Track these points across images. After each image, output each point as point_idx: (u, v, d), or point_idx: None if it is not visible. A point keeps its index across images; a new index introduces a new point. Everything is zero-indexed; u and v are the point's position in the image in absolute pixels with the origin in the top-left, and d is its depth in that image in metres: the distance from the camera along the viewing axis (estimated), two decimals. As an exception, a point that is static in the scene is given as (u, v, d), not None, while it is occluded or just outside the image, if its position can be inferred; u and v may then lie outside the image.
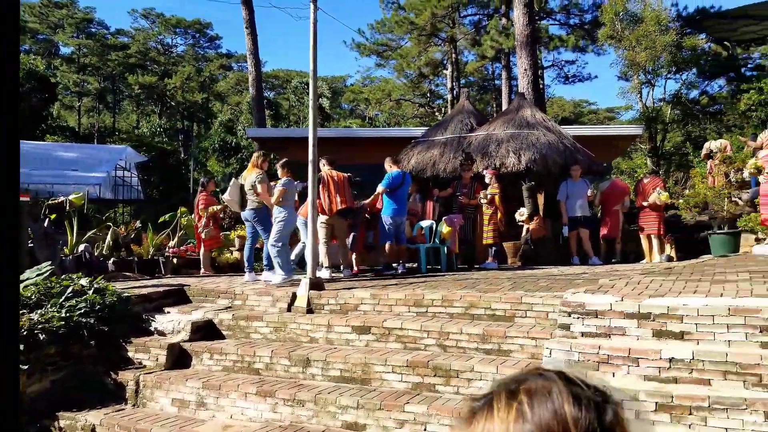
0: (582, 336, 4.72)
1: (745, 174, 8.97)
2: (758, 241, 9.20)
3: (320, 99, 35.87)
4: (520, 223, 10.49)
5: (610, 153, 16.70)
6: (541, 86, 28.57)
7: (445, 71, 31.21)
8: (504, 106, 23.40)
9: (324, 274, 8.23)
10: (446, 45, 29.46)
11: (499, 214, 9.59)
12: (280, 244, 7.56)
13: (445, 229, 9.11)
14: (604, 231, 10.15)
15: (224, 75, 49.28)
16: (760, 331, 4.16)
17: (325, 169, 8.52)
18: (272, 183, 8.06)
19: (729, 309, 4.27)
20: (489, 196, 9.46)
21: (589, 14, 25.97)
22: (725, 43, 22.63)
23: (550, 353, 4.61)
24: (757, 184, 9.27)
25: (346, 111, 43.68)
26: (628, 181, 19.13)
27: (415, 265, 9.56)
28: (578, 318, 4.76)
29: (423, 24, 26.25)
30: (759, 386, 3.91)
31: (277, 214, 7.62)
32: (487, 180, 9.80)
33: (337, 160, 8.85)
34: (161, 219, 12.52)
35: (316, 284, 7.03)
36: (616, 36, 22.69)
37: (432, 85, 36.32)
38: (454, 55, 29.65)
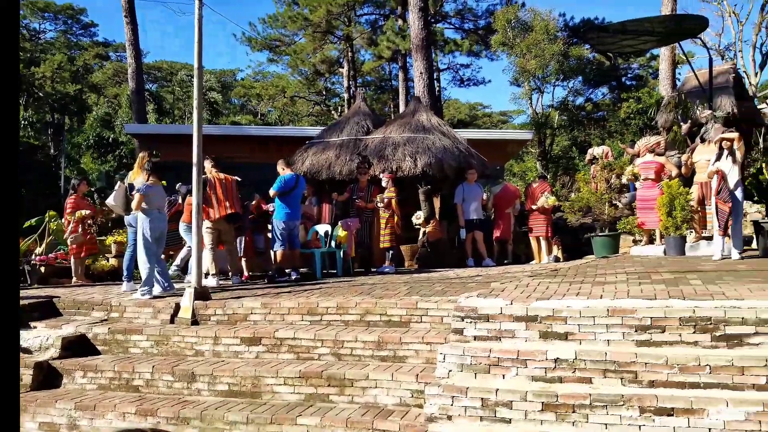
0: (475, 340, 4.90)
1: (624, 180, 9.80)
2: (635, 242, 10.12)
3: (209, 93, 34.57)
4: (417, 227, 10.76)
5: (503, 156, 17.61)
6: (437, 89, 29.54)
7: (341, 69, 31.30)
8: (401, 108, 23.91)
9: (211, 282, 7.94)
10: (342, 43, 29.58)
11: (396, 218, 9.76)
12: (145, 256, 7.12)
13: (341, 233, 9.12)
14: (497, 233, 10.67)
15: (101, 65, 46.07)
16: (635, 331, 4.55)
17: (211, 170, 8.23)
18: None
19: (608, 310, 4.63)
20: (386, 200, 9.61)
21: (483, 20, 27.24)
22: (608, 54, 24.67)
23: (444, 358, 4.75)
24: (636, 188, 10.19)
25: (237, 106, 42.47)
26: (519, 184, 20.26)
27: (309, 270, 9.48)
28: (471, 322, 4.94)
29: (318, 21, 26.16)
30: (635, 383, 4.27)
31: (140, 223, 7.17)
32: (383, 183, 9.94)
33: (226, 159, 8.58)
34: (27, 223, 11.47)
35: (202, 294, 6.77)
36: (508, 43, 24.00)
37: (328, 83, 36.29)
38: (350, 54, 29.82)
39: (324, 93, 37.08)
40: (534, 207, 10.31)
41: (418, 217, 10.56)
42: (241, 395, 5.35)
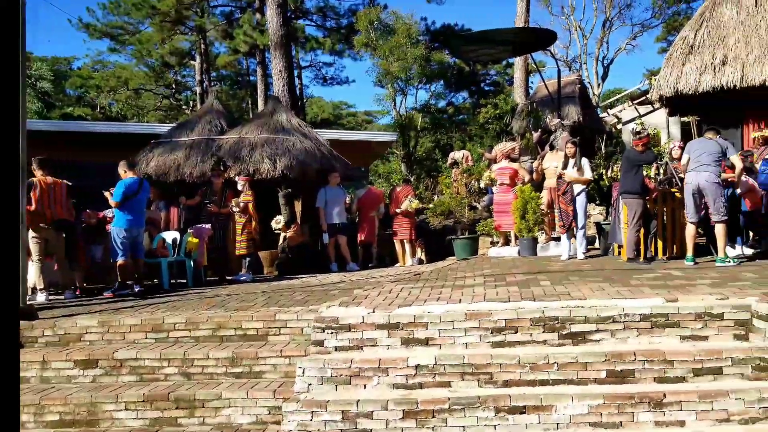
0: (336, 351, 4.92)
1: (482, 184, 10.45)
2: (493, 243, 10.81)
3: (40, 82, 31.39)
4: (276, 231, 10.59)
5: (368, 158, 17.95)
6: (299, 86, 29.38)
7: (193, 62, 30.00)
8: (260, 105, 23.44)
9: (39, 298, 7.22)
10: (194, 34, 28.36)
11: (253, 223, 9.54)
12: None
13: (191, 240, 8.72)
14: (361, 236, 10.84)
15: None
16: (491, 333, 4.84)
17: (37, 173, 7.50)
18: None
19: (466, 314, 4.89)
20: (242, 204, 9.34)
21: (346, 19, 27.61)
22: (467, 60, 26.13)
23: (304, 372, 4.71)
24: (493, 192, 10.89)
25: (73, 98, 39.02)
26: (384, 185, 20.74)
27: (156, 282, 8.94)
28: (332, 333, 4.95)
29: (167, 10, 24.80)
30: (491, 383, 4.55)
31: None
32: (239, 187, 9.66)
33: (59, 158, 7.85)
34: None
35: (27, 312, 6.13)
36: (371, 44, 24.56)
37: (178, 75, 34.59)
38: (203, 46, 28.68)
39: (174, 86, 35.26)
40: (398, 210, 10.62)
41: (277, 222, 10.41)
42: (76, 425, 4.91)
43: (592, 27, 33.12)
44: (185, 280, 8.91)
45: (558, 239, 9.34)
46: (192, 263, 8.84)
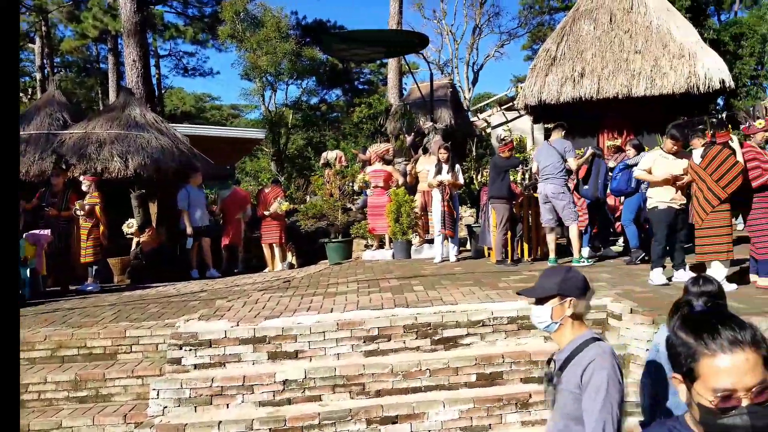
0: (195, 369, 4.66)
1: (356, 187, 10.50)
2: (367, 246, 10.91)
3: None
4: (129, 236, 9.93)
5: (234, 155, 17.41)
6: (156, 76, 27.85)
7: (32, 45, 27.40)
8: (111, 95, 21.94)
9: None
10: (33, 15, 25.90)
11: (101, 227, 8.84)
12: None
13: (27, 247, 7.91)
14: (225, 240, 10.46)
15: None
16: (364, 341, 4.84)
17: None
18: None
19: (338, 323, 4.85)
20: (87, 207, 8.62)
21: (210, 8, 26.63)
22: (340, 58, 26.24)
23: (158, 393, 4.42)
24: (368, 194, 10.98)
25: None
26: (253, 184, 20.23)
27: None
28: (191, 349, 4.69)
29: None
30: (363, 394, 4.54)
31: None
32: (84, 188, 8.89)
33: None
34: None
35: None
36: (238, 36, 23.88)
37: (14, 58, 31.36)
38: (44, 28, 26.29)
39: (8, 70, 31.91)
40: (266, 212, 10.37)
41: (130, 226, 9.75)
42: None
43: (463, 32, 34.85)
44: (21, 292, 8.06)
45: (431, 241, 9.62)
46: (28, 273, 8.02)
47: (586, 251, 8.82)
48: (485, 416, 4.43)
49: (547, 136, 17.34)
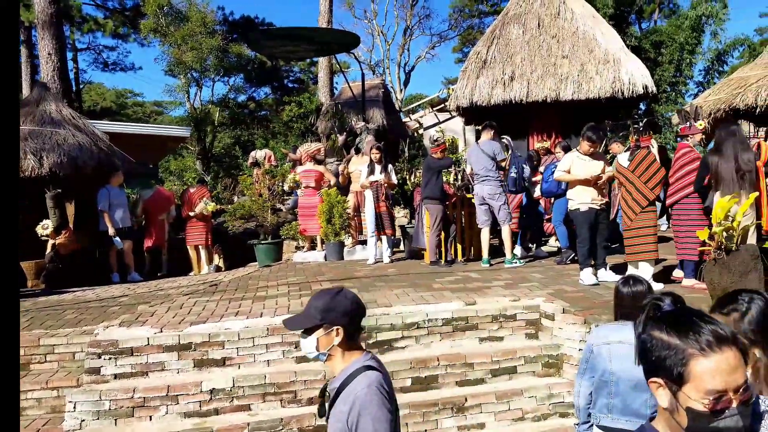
0: (115, 379, 4.40)
1: (286, 187, 10.29)
2: (298, 248, 10.72)
3: None
4: (44, 238, 9.35)
5: (158, 154, 16.76)
6: (74, 70, 26.56)
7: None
8: (25, 90, 20.71)
9: None
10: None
11: (11, 228, 8.28)
12: None
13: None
14: (148, 242, 10.04)
15: None
16: (296, 347, 4.70)
17: None
18: None
19: (268, 329, 4.69)
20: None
21: (131, 0, 25.60)
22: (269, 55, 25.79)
23: (75, 406, 4.13)
24: (299, 194, 10.78)
25: None
26: (177, 184, 19.59)
27: None
28: (111, 358, 4.42)
29: None
30: (294, 403, 4.40)
31: None
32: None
33: None
34: None
35: None
36: (161, 30, 23.07)
37: None
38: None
39: None
40: (192, 214, 10.02)
41: (44, 227, 9.18)
42: None
43: (394, 33, 35.13)
44: None
45: (365, 242, 9.55)
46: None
47: (518, 251, 9.01)
48: (421, 422, 4.39)
49: (478, 137, 17.68)
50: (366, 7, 31.55)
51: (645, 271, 6.04)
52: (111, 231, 9.27)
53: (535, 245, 9.39)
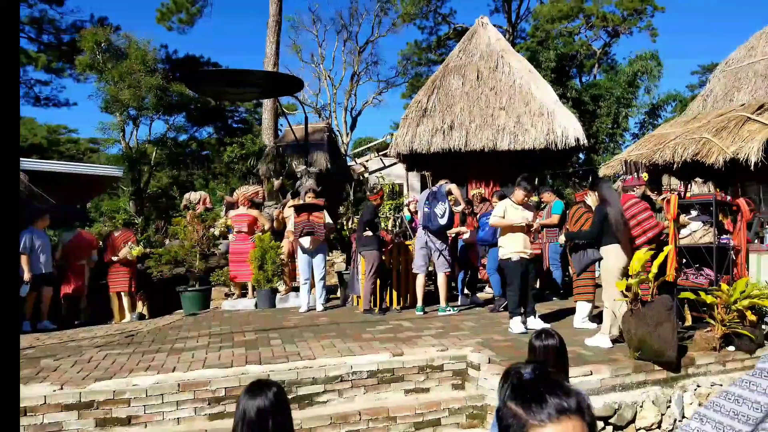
0: (7, 440, 4.12)
1: (217, 232, 10.10)
2: (228, 295, 10.47)
3: None
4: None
5: (88, 194, 16.28)
6: None
7: None
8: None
9: None
10: None
11: None
12: None
13: None
14: (66, 288, 9.61)
15: None
16: (209, 404, 4.54)
17: None
18: None
19: (179, 385, 4.51)
20: None
21: (68, 35, 25.19)
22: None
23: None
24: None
25: None
26: (108, 225, 19.00)
27: None
28: (2, 418, 4.15)
29: None
30: (204, 463, 4.22)
31: None
32: None
33: None
34: None
35: None
36: (97, 67, 22.75)
37: None
38: None
39: None
40: (115, 258, 9.70)
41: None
42: None
43: (341, 78, 35.48)
44: None
45: (298, 289, 9.42)
46: None
47: (459, 298, 9.12)
48: (339, 480, 4.27)
49: (423, 182, 17.92)
50: (313, 51, 31.86)
51: (583, 309, 6.74)
52: (26, 275, 8.83)
53: (470, 292, 9.49)
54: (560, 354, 3.10)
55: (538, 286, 9.29)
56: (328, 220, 9.01)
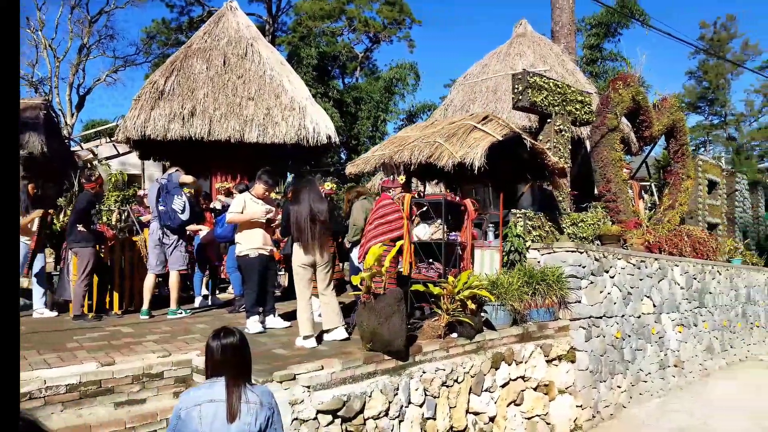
0: None
1: None
2: None
3: None
4: None
5: None
6: None
7: None
8: None
9: None
10: None
11: None
12: None
13: None
14: None
15: None
16: None
17: None
18: None
19: None
20: None
21: None
22: None
23: None
24: None
25: None
26: None
27: None
28: None
29: None
30: None
31: None
32: None
33: None
34: None
35: None
36: None
37: None
38: None
39: None
40: None
41: None
42: None
43: (67, 50, 31.67)
44: None
45: None
46: None
47: (198, 300, 8.58)
48: None
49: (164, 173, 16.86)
50: (31, 15, 27.89)
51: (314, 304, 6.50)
52: None
53: (209, 293, 9.06)
54: (241, 353, 2.95)
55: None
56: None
